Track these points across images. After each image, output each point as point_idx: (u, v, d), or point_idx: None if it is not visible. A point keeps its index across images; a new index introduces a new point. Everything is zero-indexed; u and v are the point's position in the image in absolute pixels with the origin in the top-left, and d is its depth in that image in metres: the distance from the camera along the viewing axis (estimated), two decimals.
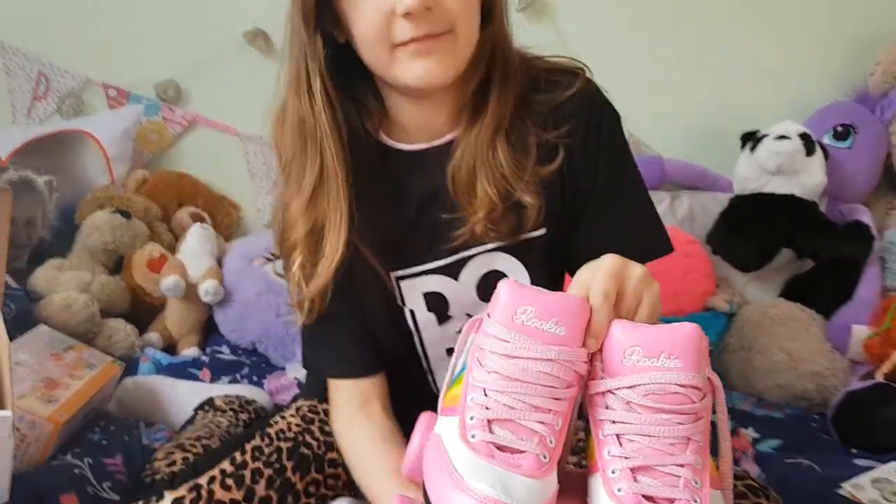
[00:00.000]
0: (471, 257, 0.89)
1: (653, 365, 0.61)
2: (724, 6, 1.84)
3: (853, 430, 1.21)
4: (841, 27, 1.84)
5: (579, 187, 0.88)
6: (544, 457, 0.60)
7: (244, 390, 1.32)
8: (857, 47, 1.83)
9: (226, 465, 0.84)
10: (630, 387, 0.62)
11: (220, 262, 1.62)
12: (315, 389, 0.99)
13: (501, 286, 0.66)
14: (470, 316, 0.83)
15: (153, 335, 1.54)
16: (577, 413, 0.67)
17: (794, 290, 1.54)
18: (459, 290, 0.90)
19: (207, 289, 1.53)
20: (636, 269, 0.67)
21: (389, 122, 0.90)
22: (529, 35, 1.78)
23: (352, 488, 0.89)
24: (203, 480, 0.82)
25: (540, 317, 0.63)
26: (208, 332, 1.62)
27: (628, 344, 0.63)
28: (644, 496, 0.59)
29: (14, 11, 1.81)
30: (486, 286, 0.89)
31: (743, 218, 1.57)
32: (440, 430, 0.65)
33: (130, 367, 1.38)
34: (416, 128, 0.89)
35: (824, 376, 1.35)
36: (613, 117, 0.90)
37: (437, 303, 0.91)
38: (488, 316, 0.66)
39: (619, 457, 0.61)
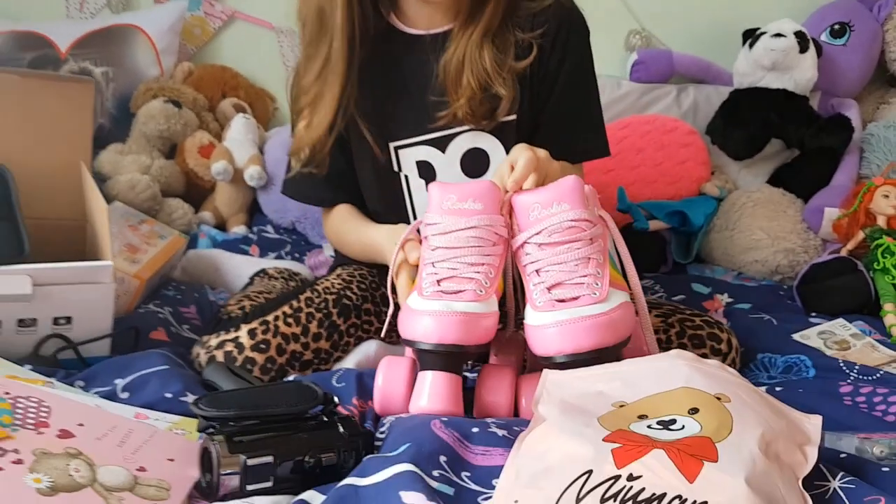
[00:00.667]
0: (457, 134, 1.09)
1: (549, 213, 0.83)
2: None
3: (813, 297, 1.38)
4: None
5: (544, 82, 1.08)
6: (481, 291, 0.83)
7: (289, 264, 1.51)
8: None
9: (286, 308, 1.05)
10: (537, 233, 0.83)
11: (261, 150, 1.78)
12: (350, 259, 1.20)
13: (431, 187, 0.88)
14: None
15: (206, 214, 1.73)
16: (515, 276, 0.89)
17: (780, 177, 1.69)
18: (446, 162, 1.11)
19: (252, 174, 1.71)
20: (540, 153, 0.89)
21: (398, 9, 1.09)
22: None
23: (379, 333, 1.10)
24: (269, 317, 1.03)
25: (461, 200, 0.85)
26: (253, 212, 1.79)
27: (529, 203, 0.84)
28: (556, 300, 0.81)
29: None
30: (469, 161, 1.11)
31: (738, 110, 1.71)
32: (408, 302, 0.87)
33: (190, 241, 1.55)
34: (420, 17, 1.08)
35: (796, 252, 1.53)
36: (584, 31, 1.09)
37: (426, 171, 1.12)
38: (427, 211, 0.88)
39: (539, 283, 0.82)
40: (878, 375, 1.07)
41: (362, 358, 1.07)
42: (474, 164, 1.11)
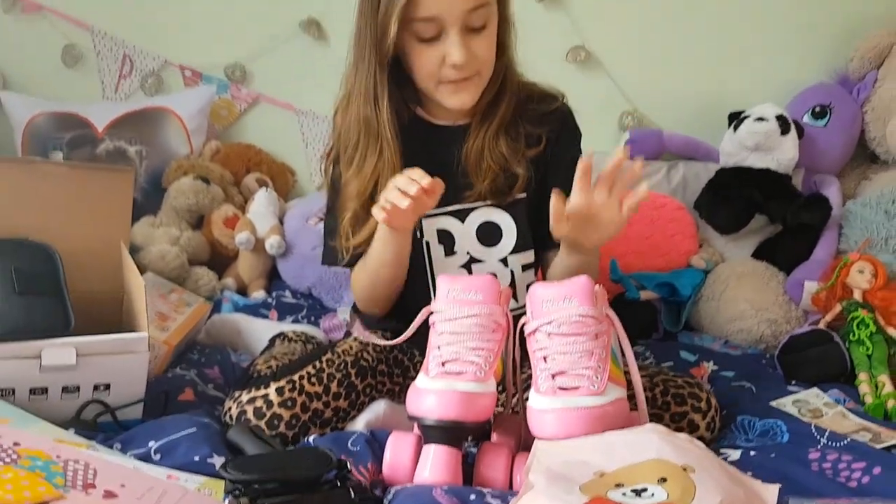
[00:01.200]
0: (475, 208, 1.24)
1: (560, 307, 0.93)
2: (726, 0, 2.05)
3: (793, 366, 1.46)
4: (826, 17, 2.03)
5: (549, 168, 1.25)
6: (480, 373, 0.94)
7: (305, 328, 1.59)
8: (841, 35, 2.02)
9: (309, 368, 1.15)
10: (548, 322, 0.94)
11: (281, 220, 1.90)
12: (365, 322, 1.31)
13: (439, 280, 1.00)
14: (469, 254, 1.25)
15: (229, 280, 1.85)
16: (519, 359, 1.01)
17: (764, 251, 1.78)
18: (463, 231, 1.25)
19: (272, 243, 1.83)
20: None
21: (423, 105, 1.25)
22: (546, 21, 2.11)
23: (391, 394, 1.21)
24: (295, 377, 1.13)
25: (465, 291, 0.98)
26: (272, 278, 1.91)
27: (544, 296, 0.96)
28: (559, 388, 0.91)
29: (102, 1, 2.07)
30: (483, 232, 1.26)
31: (724, 188, 1.81)
32: (415, 382, 0.98)
33: (214, 306, 1.68)
34: (442, 112, 1.24)
35: (779, 323, 1.62)
36: (578, 132, 1.31)
37: (446, 238, 1.26)
38: (434, 300, 1.00)
39: (544, 369, 0.93)
40: (845, 442, 1.12)
41: (372, 417, 1.16)
42: (488, 235, 1.26)
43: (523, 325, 0.99)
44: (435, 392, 0.93)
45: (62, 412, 1.09)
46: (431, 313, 1.02)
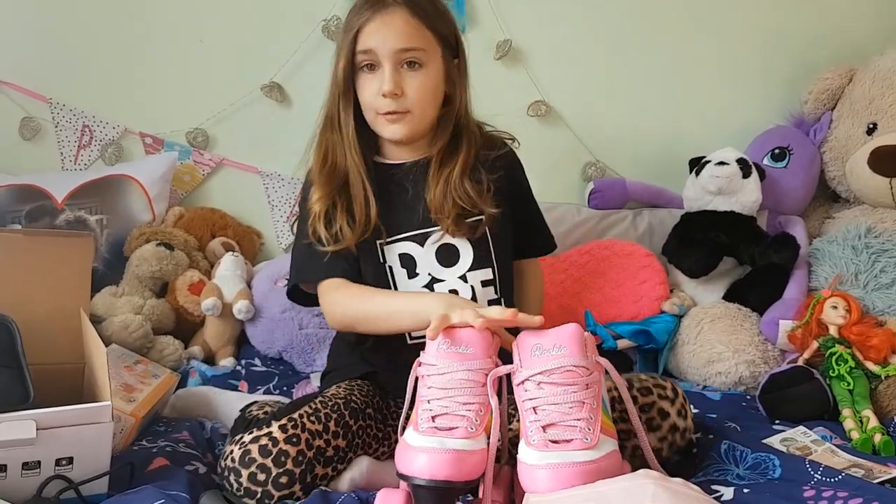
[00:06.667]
0: (432, 233, 1.32)
1: (551, 355, 0.91)
2: (678, 49, 2.11)
3: (775, 405, 1.45)
4: (778, 63, 2.12)
5: (511, 204, 1.38)
6: (471, 428, 0.90)
7: (278, 398, 1.54)
8: (793, 78, 2.10)
9: (306, 408, 1.14)
10: (539, 372, 0.92)
11: (249, 284, 1.87)
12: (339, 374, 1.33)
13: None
14: (430, 275, 1.32)
15: (195, 348, 1.80)
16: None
17: (735, 293, 1.79)
18: (423, 254, 1.32)
19: (240, 308, 1.79)
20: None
21: (379, 151, 1.37)
22: (505, 78, 2.16)
23: (378, 438, 1.23)
24: (295, 415, 1.11)
25: (455, 344, 0.96)
26: (241, 343, 1.86)
27: (533, 344, 0.94)
28: (550, 441, 0.88)
29: (60, 73, 2.05)
30: (442, 254, 1.33)
31: (689, 232, 1.83)
32: (405, 437, 0.95)
33: (181, 378, 1.59)
34: (397, 152, 1.36)
35: (757, 364, 1.62)
36: (523, 169, 1.46)
37: (407, 262, 1.33)
38: (423, 353, 0.98)
39: (535, 421, 0.90)
40: (839, 477, 1.11)
41: (357, 474, 1.15)
42: (447, 256, 1.33)
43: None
44: (426, 450, 0.89)
45: (23, 490, 1.03)
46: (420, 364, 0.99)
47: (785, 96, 2.11)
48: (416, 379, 1.00)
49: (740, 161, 1.85)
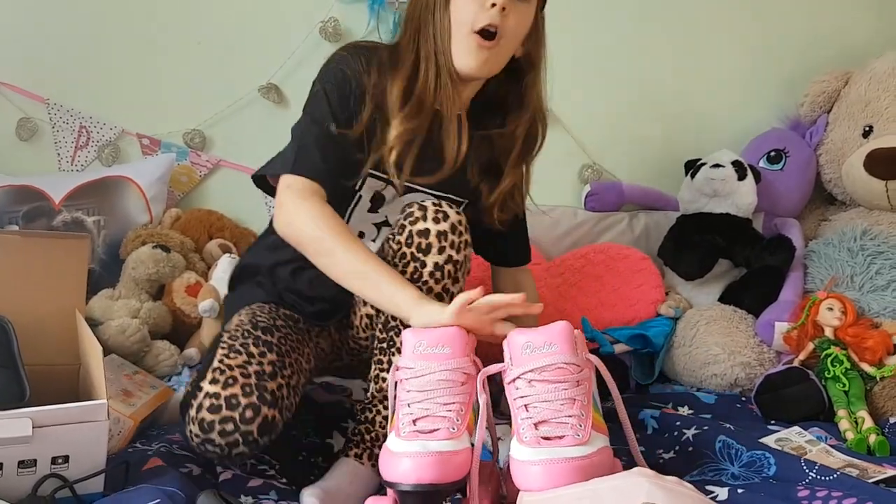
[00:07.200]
0: (416, 190, 1.29)
1: (541, 353, 0.91)
2: (674, 52, 2.12)
3: (770, 406, 1.46)
4: (776, 66, 2.12)
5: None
6: (453, 429, 0.91)
7: None
8: (789, 81, 2.11)
9: (219, 352, 1.14)
10: (530, 370, 0.92)
11: None
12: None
13: (404, 334, 0.98)
14: (387, 218, 1.31)
15: (192, 350, 1.78)
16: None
17: (731, 295, 1.80)
18: (396, 202, 1.29)
19: None
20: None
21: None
22: None
23: (305, 328, 1.30)
24: (215, 363, 1.11)
25: (431, 345, 0.96)
26: None
27: (523, 342, 0.94)
28: (542, 437, 0.88)
29: (57, 73, 2.05)
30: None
31: (685, 235, 1.84)
32: (387, 444, 0.95)
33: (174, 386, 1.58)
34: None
35: (752, 365, 1.62)
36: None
37: (377, 200, 1.31)
38: (399, 354, 0.98)
39: (526, 418, 0.90)
40: (834, 476, 1.11)
41: (342, 479, 1.13)
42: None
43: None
44: (409, 455, 0.89)
45: (18, 489, 1.03)
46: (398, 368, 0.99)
47: (780, 99, 2.12)
48: (396, 384, 0.99)
49: (735, 163, 1.85)
